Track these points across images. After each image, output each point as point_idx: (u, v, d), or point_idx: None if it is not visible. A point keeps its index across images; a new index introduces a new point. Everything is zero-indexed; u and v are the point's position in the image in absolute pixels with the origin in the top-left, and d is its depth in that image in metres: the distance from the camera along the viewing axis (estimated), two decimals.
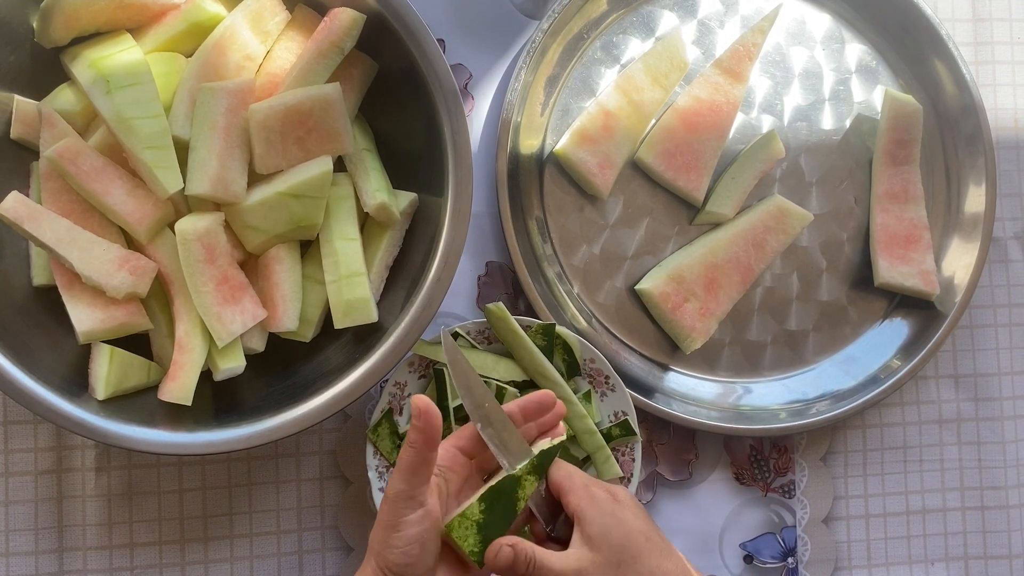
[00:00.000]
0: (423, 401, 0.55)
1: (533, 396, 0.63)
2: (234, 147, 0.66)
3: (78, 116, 0.68)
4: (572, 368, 0.76)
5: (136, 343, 0.69)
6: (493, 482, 0.59)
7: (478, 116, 0.82)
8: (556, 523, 0.61)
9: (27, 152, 0.70)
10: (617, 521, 0.58)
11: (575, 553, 0.57)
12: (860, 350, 0.85)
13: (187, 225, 0.65)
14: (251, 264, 0.71)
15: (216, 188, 0.65)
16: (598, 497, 0.59)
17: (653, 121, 0.83)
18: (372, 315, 0.68)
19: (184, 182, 0.66)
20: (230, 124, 0.66)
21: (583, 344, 0.76)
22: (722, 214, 0.82)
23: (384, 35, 0.68)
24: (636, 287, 0.82)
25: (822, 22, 0.86)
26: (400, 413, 0.75)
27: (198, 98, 0.66)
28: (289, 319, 0.69)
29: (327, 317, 0.70)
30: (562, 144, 0.80)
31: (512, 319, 0.74)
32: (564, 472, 0.60)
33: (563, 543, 0.59)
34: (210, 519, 0.77)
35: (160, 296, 0.69)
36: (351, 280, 0.68)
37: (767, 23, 0.84)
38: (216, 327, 0.66)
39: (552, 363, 0.75)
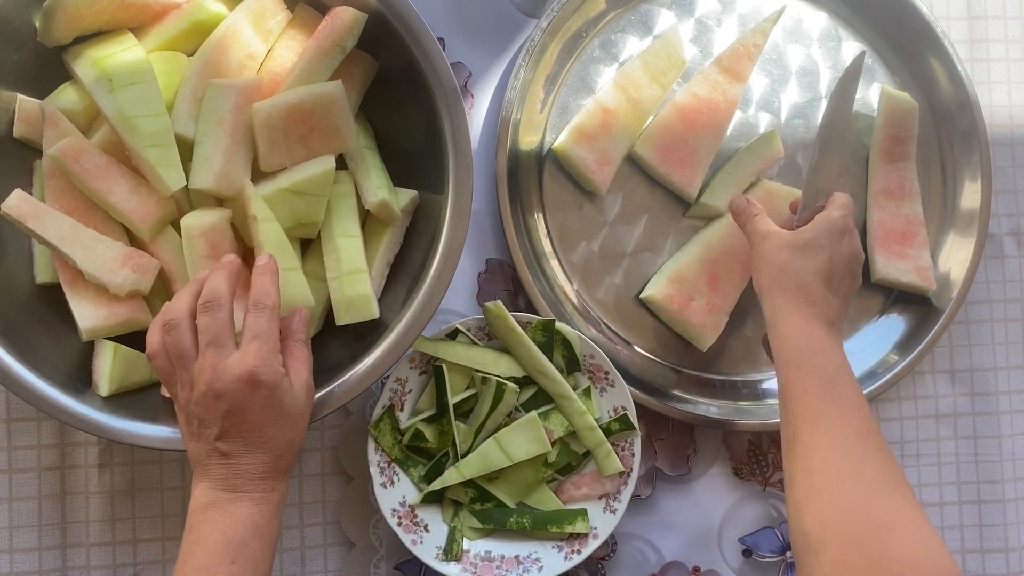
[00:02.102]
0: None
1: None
2: (239, 144, 0.67)
3: (81, 115, 0.69)
4: (572, 364, 0.77)
5: (139, 340, 0.69)
6: None
7: (478, 114, 0.83)
8: None
9: (30, 151, 0.70)
10: (827, 234, 0.71)
11: (776, 228, 0.72)
12: (857, 345, 0.85)
13: (192, 221, 0.66)
14: (253, 260, 0.71)
15: (220, 183, 0.66)
16: (830, 218, 0.72)
17: (651, 118, 0.83)
18: (373, 312, 0.69)
19: (187, 179, 0.66)
20: (236, 121, 0.67)
21: (583, 340, 0.76)
22: (716, 207, 0.83)
23: (385, 34, 0.69)
24: (641, 296, 0.82)
25: (819, 20, 0.87)
26: (401, 409, 0.76)
27: (206, 94, 0.67)
28: None
29: (328, 314, 0.71)
30: (561, 141, 0.81)
31: (510, 317, 0.75)
32: (834, 199, 0.74)
33: None
34: None
35: (163, 293, 0.70)
36: (352, 277, 0.68)
37: (769, 24, 0.84)
38: None
39: (552, 359, 0.76)
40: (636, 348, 0.83)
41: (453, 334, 0.76)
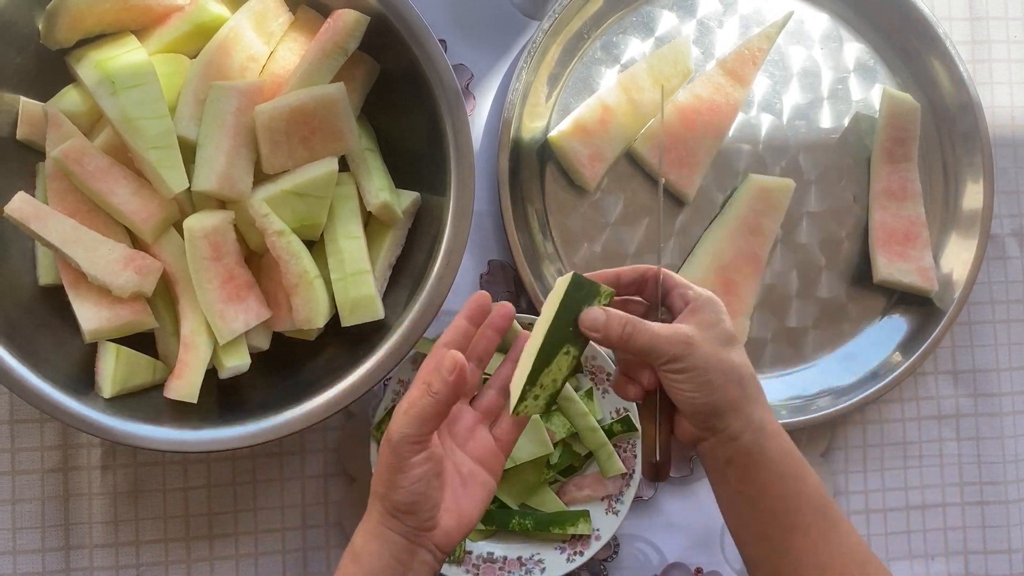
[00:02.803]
0: (459, 357, 0.56)
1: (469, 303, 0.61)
2: (241, 146, 0.67)
3: (83, 117, 0.69)
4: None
5: (141, 342, 0.70)
6: (532, 347, 0.58)
7: (479, 116, 0.83)
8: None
9: (33, 153, 0.70)
10: (726, 318, 0.59)
11: (681, 325, 0.58)
12: (859, 347, 0.85)
13: (195, 223, 0.66)
14: (255, 262, 0.71)
15: (223, 185, 0.66)
16: (716, 300, 0.60)
17: (651, 121, 0.83)
18: (378, 312, 0.69)
19: (189, 181, 0.66)
20: (239, 123, 0.67)
21: None
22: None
23: (386, 36, 0.69)
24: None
25: (820, 22, 0.87)
26: None
27: (209, 96, 0.67)
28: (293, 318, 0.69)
29: (331, 316, 0.71)
30: (558, 131, 0.81)
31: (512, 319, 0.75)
32: (669, 275, 0.62)
33: None
34: (215, 516, 0.77)
35: (165, 295, 0.70)
36: (356, 278, 0.68)
37: (775, 30, 0.84)
38: (218, 324, 0.67)
39: None
40: None
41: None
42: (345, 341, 0.71)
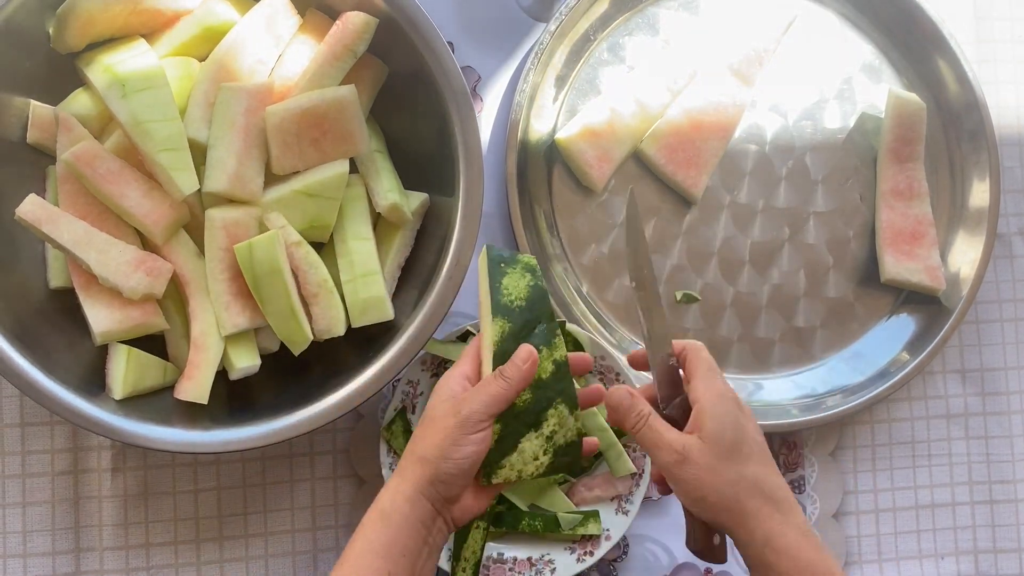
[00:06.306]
0: (533, 350, 0.60)
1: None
2: (252, 147, 0.67)
3: (94, 120, 0.69)
4: None
5: (152, 344, 0.70)
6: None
7: (487, 117, 0.83)
8: (671, 404, 0.62)
9: (44, 156, 0.71)
10: (735, 424, 0.59)
11: (686, 437, 0.59)
12: (867, 346, 0.86)
13: (217, 213, 0.66)
14: None
15: (234, 186, 0.66)
16: (724, 395, 0.60)
17: (657, 122, 0.84)
18: (388, 312, 0.69)
19: (200, 183, 0.66)
20: (249, 124, 0.67)
21: (593, 341, 0.76)
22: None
23: (395, 38, 0.69)
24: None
25: (826, 22, 0.87)
26: (413, 411, 0.76)
27: (218, 97, 0.67)
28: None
29: None
30: (565, 133, 0.81)
31: None
32: (695, 353, 0.62)
33: (672, 423, 0.61)
34: (225, 519, 0.77)
35: (176, 297, 0.70)
36: (366, 279, 0.68)
37: (780, 31, 0.85)
38: (223, 316, 0.67)
39: None
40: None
41: (464, 336, 0.76)
42: (354, 342, 0.72)
